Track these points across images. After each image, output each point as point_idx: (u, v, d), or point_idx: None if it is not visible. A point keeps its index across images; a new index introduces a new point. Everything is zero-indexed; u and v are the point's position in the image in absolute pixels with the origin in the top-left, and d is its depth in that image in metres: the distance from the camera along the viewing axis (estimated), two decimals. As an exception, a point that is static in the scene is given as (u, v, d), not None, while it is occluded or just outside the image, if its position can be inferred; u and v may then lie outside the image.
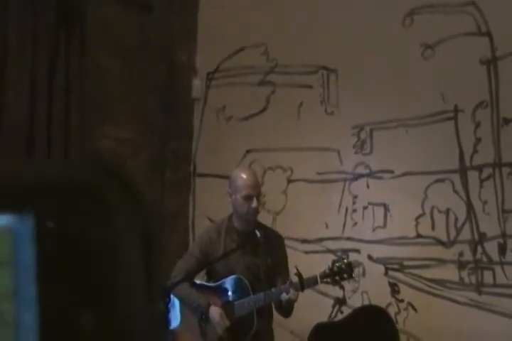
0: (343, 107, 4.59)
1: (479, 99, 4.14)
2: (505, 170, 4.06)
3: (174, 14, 5.22)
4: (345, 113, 4.57)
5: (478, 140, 4.14)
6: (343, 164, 4.55)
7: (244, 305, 3.52)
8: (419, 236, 4.26)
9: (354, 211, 4.48)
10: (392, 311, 4.23)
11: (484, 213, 4.08)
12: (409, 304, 4.25)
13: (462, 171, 4.17)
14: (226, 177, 4.13)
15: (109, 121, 4.74)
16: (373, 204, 4.42)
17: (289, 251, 3.79)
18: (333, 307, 4.46)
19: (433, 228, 4.23)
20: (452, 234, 4.17)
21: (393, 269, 4.32)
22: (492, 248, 4.04)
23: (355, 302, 4.36)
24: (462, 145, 4.18)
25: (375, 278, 4.34)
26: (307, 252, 4.54)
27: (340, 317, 4.38)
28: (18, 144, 4.02)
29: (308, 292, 3.54)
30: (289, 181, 4.73)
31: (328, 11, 4.67)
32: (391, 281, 4.32)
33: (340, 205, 4.52)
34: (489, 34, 4.13)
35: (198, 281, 3.71)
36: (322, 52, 4.67)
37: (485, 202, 4.09)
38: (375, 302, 4.27)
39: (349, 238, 4.47)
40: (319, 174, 4.61)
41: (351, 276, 3.49)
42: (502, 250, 4.01)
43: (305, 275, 3.44)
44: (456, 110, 4.21)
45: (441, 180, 4.22)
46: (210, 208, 4.86)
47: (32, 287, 0.49)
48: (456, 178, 4.19)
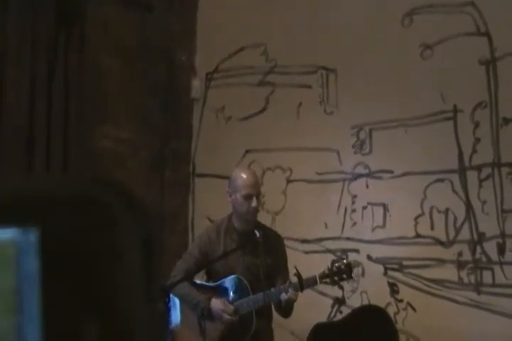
0: (343, 107, 4.59)
1: (478, 99, 4.14)
2: (504, 170, 4.06)
3: (174, 14, 5.23)
4: (344, 113, 4.57)
5: (477, 140, 4.14)
6: (343, 164, 4.55)
7: (243, 305, 3.52)
8: (418, 236, 4.26)
9: (353, 211, 4.48)
10: (391, 311, 4.23)
11: (483, 213, 4.08)
12: (408, 304, 4.25)
13: (461, 171, 4.18)
14: (225, 177, 4.13)
15: (108, 121, 4.74)
16: (372, 204, 4.42)
17: (289, 251, 3.80)
18: (332, 307, 4.46)
19: (432, 228, 4.23)
20: (451, 234, 4.17)
21: (392, 269, 4.32)
22: (491, 248, 4.04)
23: (354, 302, 4.36)
24: (461, 145, 4.19)
25: (375, 278, 4.34)
26: (307, 252, 4.55)
27: (339, 317, 4.38)
28: (18, 144, 4.02)
29: (307, 292, 3.54)
30: (289, 181, 4.73)
31: (327, 11, 4.67)
32: (390, 281, 4.32)
33: (339, 205, 4.52)
34: (488, 34, 4.13)
35: (198, 281, 3.71)
36: (321, 52, 4.67)
37: (484, 202, 4.09)
38: (375, 302, 4.27)
39: (348, 238, 4.47)
40: (318, 174, 4.61)
41: (350, 277, 3.49)
42: (501, 250, 4.02)
43: (304, 275, 3.45)
44: (455, 110, 4.21)
45: (440, 180, 4.22)
46: (210, 208, 4.86)
47: (36, 299, 0.49)
48: (455, 178, 4.19)
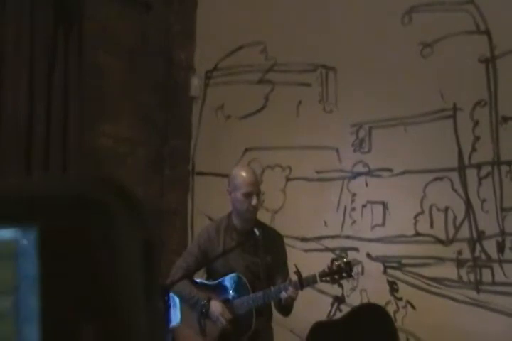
0: (342, 105, 4.58)
1: (478, 98, 4.14)
2: (503, 168, 4.06)
3: (173, 13, 5.22)
4: (344, 111, 4.57)
5: (476, 138, 4.14)
6: (342, 162, 4.54)
7: (243, 304, 3.52)
8: (417, 234, 4.26)
9: (353, 209, 4.48)
10: (390, 309, 4.23)
11: (483, 211, 4.08)
12: (407, 302, 4.25)
13: (461, 169, 4.17)
14: (225, 175, 4.13)
15: (108, 120, 4.74)
16: (372, 202, 4.42)
17: (288, 250, 3.80)
18: (331, 305, 4.46)
19: (432, 226, 4.23)
20: (451, 232, 4.17)
21: (392, 267, 4.32)
22: (491, 246, 4.04)
23: (353, 300, 4.36)
24: (461, 143, 4.18)
25: (374, 277, 4.34)
26: (306, 250, 4.55)
27: (339, 315, 4.38)
28: (17, 143, 4.01)
29: (307, 290, 3.54)
30: (288, 179, 4.73)
31: (326, 10, 4.66)
32: (390, 279, 4.33)
33: (339, 204, 4.51)
34: (488, 32, 4.13)
35: (198, 280, 3.71)
36: (321, 50, 4.66)
37: (484, 200, 4.09)
38: (374, 300, 4.27)
39: (348, 236, 4.47)
40: (318, 172, 4.61)
41: (350, 275, 3.48)
42: (500, 248, 4.02)
43: (304, 273, 3.45)
44: (454, 108, 4.21)
45: (439, 179, 4.22)
46: (209, 206, 4.86)
47: (34, 299, 0.49)
48: (454, 176, 4.19)
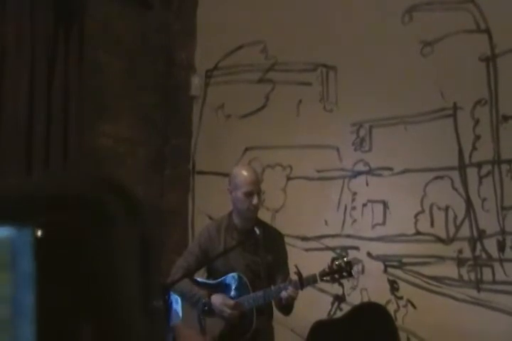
0: (342, 104, 4.58)
1: (478, 97, 4.14)
2: (504, 167, 4.06)
3: (173, 12, 5.22)
4: (344, 110, 4.57)
5: (477, 137, 4.14)
6: (343, 161, 4.54)
7: (244, 304, 3.52)
8: (418, 233, 4.26)
9: (353, 208, 4.48)
10: (391, 308, 4.23)
11: (483, 210, 4.08)
12: (408, 301, 4.25)
13: (461, 168, 4.17)
14: (225, 174, 4.13)
15: (108, 119, 4.74)
16: (372, 201, 4.42)
17: (289, 249, 3.80)
18: (332, 304, 4.46)
19: (432, 225, 4.23)
20: (451, 231, 4.17)
21: (392, 266, 4.32)
22: (491, 245, 4.04)
23: (354, 299, 4.37)
24: (461, 142, 4.18)
25: (375, 276, 4.34)
26: (307, 249, 4.55)
27: (339, 314, 4.39)
28: (17, 143, 4.02)
29: (307, 289, 3.54)
30: (289, 179, 4.73)
31: (327, 9, 4.66)
32: (390, 278, 4.33)
33: (339, 203, 4.51)
34: (488, 31, 4.13)
35: (199, 279, 3.71)
36: (321, 49, 4.66)
37: (484, 199, 4.09)
38: (375, 299, 4.27)
39: (348, 235, 4.47)
40: (318, 171, 4.61)
41: (351, 275, 3.48)
42: (501, 247, 4.02)
43: (304, 272, 3.44)
44: (455, 107, 4.21)
45: (440, 177, 4.22)
46: (210, 205, 4.86)
47: (30, 298, 0.49)
48: (455, 175, 4.19)
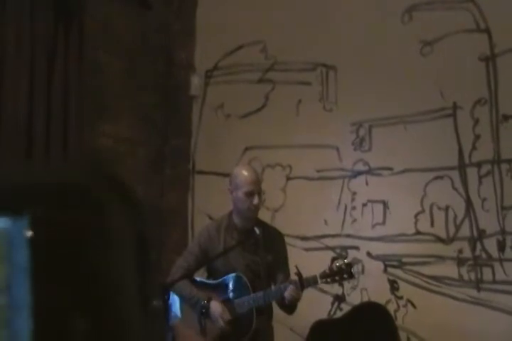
0: (342, 104, 4.58)
1: (478, 96, 4.14)
2: (504, 167, 4.06)
3: (173, 12, 5.22)
4: (344, 110, 4.57)
5: (477, 137, 4.14)
6: (342, 161, 4.54)
7: (244, 304, 3.51)
8: (418, 233, 4.26)
9: (353, 208, 4.48)
10: (391, 308, 4.23)
11: (483, 210, 4.08)
12: (408, 301, 4.25)
13: (461, 168, 4.17)
14: (225, 174, 4.13)
15: (108, 119, 4.74)
16: (372, 201, 4.42)
17: (289, 248, 3.79)
18: (332, 304, 4.46)
19: (432, 225, 4.23)
20: (451, 231, 4.17)
21: (392, 266, 4.32)
22: (491, 245, 4.04)
23: (354, 299, 4.36)
24: (461, 142, 4.18)
25: (375, 275, 4.34)
26: (306, 249, 4.54)
27: (339, 314, 4.38)
28: (17, 142, 4.01)
29: (307, 289, 3.53)
30: (288, 178, 4.73)
31: (326, 9, 4.66)
32: (390, 278, 4.32)
33: (339, 202, 4.51)
34: (488, 31, 4.13)
35: (198, 278, 3.71)
36: (321, 49, 4.66)
37: (484, 199, 4.09)
38: (375, 299, 4.27)
39: (348, 235, 4.47)
40: (318, 171, 4.61)
41: (351, 276, 3.46)
42: (501, 247, 4.02)
43: (304, 272, 3.44)
44: (455, 107, 4.21)
45: (440, 177, 4.22)
46: (209, 205, 4.86)
47: (26, 290, 0.49)
48: (455, 175, 4.19)
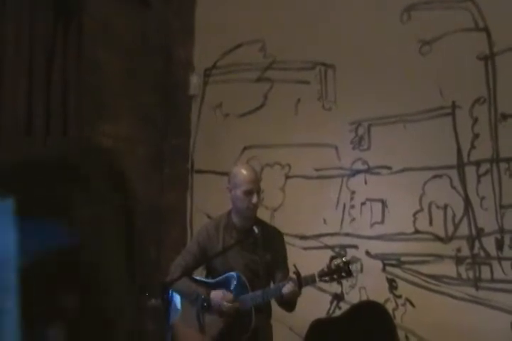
0: (341, 103, 4.59)
1: (477, 95, 4.14)
2: (502, 166, 4.06)
3: (172, 11, 5.22)
4: (342, 109, 4.57)
5: (475, 135, 4.15)
6: (341, 160, 4.55)
7: (242, 303, 3.51)
8: (416, 231, 4.26)
9: (352, 207, 4.48)
10: (390, 307, 4.24)
11: (482, 208, 4.09)
12: (406, 300, 4.25)
13: (460, 167, 4.18)
14: (224, 173, 4.13)
15: (107, 118, 4.73)
16: (371, 200, 4.42)
17: (287, 247, 3.79)
18: (331, 303, 4.46)
19: (431, 223, 4.23)
20: (450, 230, 4.18)
21: (391, 265, 4.33)
22: (490, 243, 4.05)
23: (353, 298, 4.37)
24: (460, 140, 4.19)
25: (373, 274, 4.35)
26: (305, 248, 4.55)
27: (338, 312, 4.39)
28: (17, 141, 4.01)
29: (306, 288, 3.53)
30: (287, 177, 4.73)
31: (325, 7, 4.67)
32: (389, 277, 4.33)
33: (338, 201, 4.52)
34: (487, 30, 4.13)
35: (197, 277, 3.71)
36: (320, 48, 4.67)
37: (482, 198, 4.09)
38: (373, 297, 4.28)
39: (347, 234, 4.47)
40: (317, 170, 4.61)
41: (350, 275, 3.45)
42: (499, 245, 4.02)
43: (303, 271, 3.43)
44: (453, 106, 4.22)
45: (438, 176, 4.23)
46: (208, 204, 4.86)
47: (13, 267, 0.51)
48: (453, 174, 4.19)
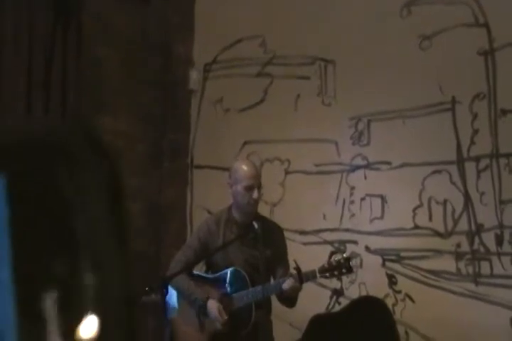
0: (341, 98, 4.58)
1: (477, 91, 4.14)
2: (502, 161, 4.06)
3: (171, 6, 5.21)
4: (342, 104, 4.57)
5: (475, 131, 4.14)
6: (341, 155, 4.54)
7: (242, 298, 3.51)
8: (416, 227, 4.26)
9: (352, 202, 4.48)
10: (389, 302, 4.24)
11: (481, 204, 4.09)
12: (406, 295, 4.26)
13: (459, 162, 4.18)
14: (223, 168, 4.14)
15: (106, 113, 4.73)
16: (371, 195, 4.42)
17: (287, 243, 3.79)
18: (330, 298, 4.47)
19: (430, 219, 4.23)
20: (449, 225, 4.18)
21: (391, 260, 4.33)
22: (489, 239, 4.05)
23: (352, 293, 4.37)
24: (459, 136, 4.19)
25: (373, 269, 4.35)
26: (305, 243, 4.55)
27: (337, 308, 4.39)
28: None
29: (306, 283, 3.53)
30: (287, 173, 4.73)
31: (325, 3, 4.66)
32: (388, 272, 4.33)
33: (337, 197, 4.52)
34: (487, 25, 4.12)
35: (197, 272, 3.70)
36: (320, 43, 4.66)
37: (482, 193, 4.09)
38: (373, 293, 4.28)
39: (347, 229, 4.48)
40: (317, 166, 4.61)
41: (350, 271, 3.46)
42: (499, 241, 4.02)
43: (303, 266, 3.43)
44: (453, 101, 4.21)
45: (438, 171, 4.23)
46: (208, 199, 4.86)
47: (6, 243, 0.51)
48: (453, 169, 4.19)
